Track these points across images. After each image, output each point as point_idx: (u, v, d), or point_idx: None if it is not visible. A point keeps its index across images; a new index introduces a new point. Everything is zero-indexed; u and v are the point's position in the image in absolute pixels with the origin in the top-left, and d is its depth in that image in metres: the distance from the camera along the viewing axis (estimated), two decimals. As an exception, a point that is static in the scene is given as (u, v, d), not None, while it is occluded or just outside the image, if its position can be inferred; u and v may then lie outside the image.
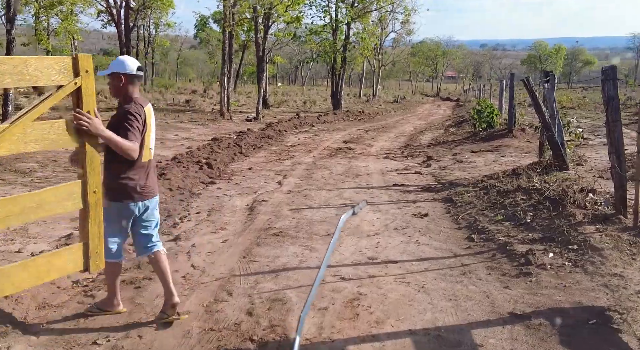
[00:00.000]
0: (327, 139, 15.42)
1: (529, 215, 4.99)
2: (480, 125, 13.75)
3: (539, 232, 4.62)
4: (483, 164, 9.26)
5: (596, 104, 32.13)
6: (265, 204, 6.83)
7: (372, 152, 12.62)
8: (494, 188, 6.40)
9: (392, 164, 10.40)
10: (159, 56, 55.97)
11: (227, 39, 17.52)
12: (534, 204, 5.23)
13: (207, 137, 13.80)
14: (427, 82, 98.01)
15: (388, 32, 42.33)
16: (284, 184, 8.28)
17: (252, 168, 9.92)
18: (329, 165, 10.20)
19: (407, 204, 6.59)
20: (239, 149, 12.11)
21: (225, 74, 17.68)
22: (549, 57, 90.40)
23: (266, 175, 9.07)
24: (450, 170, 8.93)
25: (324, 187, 7.93)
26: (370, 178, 8.73)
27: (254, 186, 8.07)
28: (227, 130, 15.88)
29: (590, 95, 42.91)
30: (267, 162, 10.78)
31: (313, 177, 8.84)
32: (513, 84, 12.13)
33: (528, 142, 11.75)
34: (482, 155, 10.47)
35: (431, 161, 10.28)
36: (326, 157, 11.61)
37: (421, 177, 8.61)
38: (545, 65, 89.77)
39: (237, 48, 39.96)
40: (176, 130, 15.01)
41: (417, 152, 12.19)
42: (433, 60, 78.14)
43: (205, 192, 7.60)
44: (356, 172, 9.38)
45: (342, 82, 26.38)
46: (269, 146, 13.42)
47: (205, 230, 5.53)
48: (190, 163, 9.39)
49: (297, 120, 19.50)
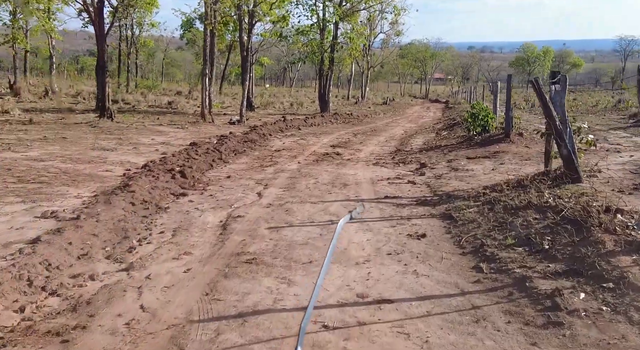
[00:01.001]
0: (313, 143, 14.64)
1: (547, 239, 4.24)
2: (475, 129, 13.05)
3: (561, 262, 3.86)
4: (481, 173, 8.52)
5: (588, 106, 31.68)
6: (240, 220, 6.02)
7: (361, 157, 11.85)
8: (499, 203, 5.64)
9: (383, 171, 9.64)
10: (143, 57, 54.77)
11: (208, 37, 16.66)
12: (550, 226, 4.47)
13: (185, 142, 12.94)
14: (416, 83, 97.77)
15: (377, 33, 41.71)
16: (264, 196, 7.47)
17: (231, 176, 9.10)
18: (315, 173, 9.41)
19: (401, 221, 5.82)
20: (219, 155, 11.27)
21: (206, 74, 16.81)
22: (537, 59, 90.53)
23: (245, 185, 8.25)
24: (447, 180, 8.18)
25: (308, 200, 7.14)
26: (359, 188, 7.95)
27: (230, 198, 7.25)
28: (208, 133, 15.03)
29: (580, 98, 42.56)
30: (248, 170, 9.97)
31: (296, 188, 8.04)
32: (510, 86, 11.44)
33: (527, 148, 11.05)
34: (480, 162, 9.74)
35: (425, 169, 9.53)
36: (312, 163, 10.83)
37: (415, 188, 7.85)
38: (533, 67, 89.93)
39: (224, 49, 39.13)
40: (153, 133, 14.13)
41: (409, 158, 11.45)
42: (422, 62, 77.86)
43: (174, 206, 6.76)
44: (344, 181, 8.60)
45: (330, 83, 25.61)
46: (251, 151, 12.60)
47: (167, 256, 4.71)
48: (162, 171, 8.55)
49: (283, 123, 18.69)
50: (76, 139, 12.15)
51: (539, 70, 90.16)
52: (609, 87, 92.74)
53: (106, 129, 14.38)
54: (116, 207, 5.92)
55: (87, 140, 12.03)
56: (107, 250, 4.76)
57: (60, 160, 9.26)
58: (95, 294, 3.80)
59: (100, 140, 12.25)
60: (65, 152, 10.24)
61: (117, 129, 14.50)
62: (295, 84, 79.28)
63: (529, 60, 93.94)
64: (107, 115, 15.83)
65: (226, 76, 39.27)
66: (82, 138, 12.33)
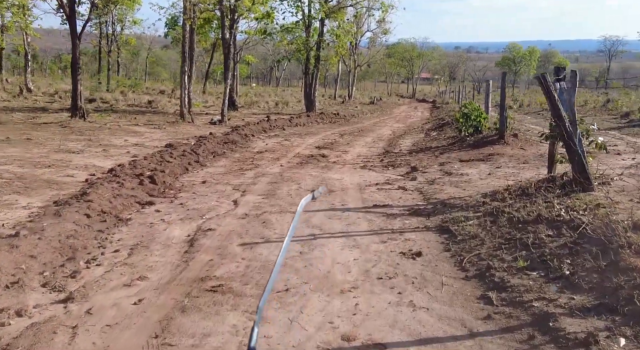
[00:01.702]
0: (298, 144, 13.93)
1: (566, 263, 3.58)
2: (467, 130, 12.44)
3: (588, 294, 3.21)
4: (477, 177, 7.88)
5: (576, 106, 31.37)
6: (211, 234, 5.29)
7: (348, 160, 11.17)
8: (503, 215, 4.99)
9: (372, 175, 8.96)
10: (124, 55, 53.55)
11: (187, 33, 15.85)
12: (568, 246, 3.82)
13: (161, 143, 12.16)
14: (403, 83, 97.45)
15: (364, 31, 41.07)
16: (240, 204, 6.75)
17: (206, 181, 8.36)
18: (298, 178, 8.71)
19: (393, 235, 5.13)
20: (196, 158, 10.52)
21: (186, 72, 16.00)
22: (523, 59, 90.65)
23: (221, 192, 7.52)
24: (440, 186, 7.52)
25: (289, 209, 6.43)
26: (345, 195, 7.26)
27: (202, 207, 6.52)
28: (186, 134, 14.25)
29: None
30: (227, 173, 9.23)
31: (277, 194, 7.33)
32: (505, 85, 10.82)
33: (522, 150, 10.45)
34: (474, 165, 9.11)
35: (416, 173, 8.87)
36: (296, 166, 10.12)
37: (406, 195, 7.17)
38: (519, 67, 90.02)
39: (209, 47, 38.19)
40: (127, 134, 13.30)
41: (399, 160, 10.79)
42: (409, 62, 77.49)
43: (138, 217, 6.01)
44: (329, 186, 7.90)
45: (316, 82, 24.89)
46: (231, 153, 11.86)
47: (117, 282, 3.97)
48: (129, 177, 7.78)
49: (267, 123, 17.94)
50: (42, 140, 11.30)
51: (524, 70, 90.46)
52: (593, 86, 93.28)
53: (77, 129, 13.52)
54: (67, 220, 5.15)
55: (54, 141, 11.19)
56: (45, 275, 4.00)
57: (18, 164, 8.43)
58: (17, 338, 3.06)
59: (68, 141, 11.42)
60: (26, 154, 9.41)
61: (89, 129, 13.65)
62: (281, 83, 78.46)
63: (515, 60, 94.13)
64: (80, 115, 14.97)
65: (210, 75, 38.37)
66: (48, 139, 11.48)
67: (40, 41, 65.02)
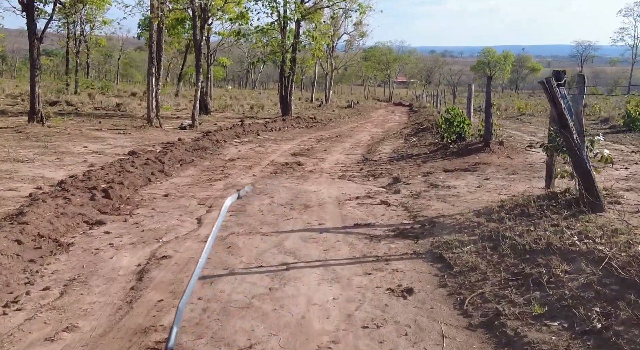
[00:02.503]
0: (272, 150, 13.17)
1: (595, 312, 2.91)
2: (450, 136, 11.85)
3: (632, 358, 2.55)
4: (466, 191, 7.24)
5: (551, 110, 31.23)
6: (165, 264, 4.51)
7: (326, 168, 10.46)
8: (503, 240, 4.33)
9: (351, 187, 8.26)
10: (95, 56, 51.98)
11: (155, 32, 14.95)
12: (593, 287, 3.16)
13: (124, 150, 11.26)
14: (379, 87, 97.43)
15: (340, 34, 40.49)
16: (204, 223, 5.97)
17: (169, 194, 7.54)
18: (271, 190, 7.95)
19: (378, 265, 4.42)
20: (160, 166, 9.68)
21: (153, 74, 15.08)
22: (498, 63, 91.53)
23: (184, 207, 6.72)
24: (427, 200, 6.85)
25: (259, 229, 5.67)
26: (323, 212, 6.54)
27: (160, 228, 5.72)
28: (153, 140, 13.35)
29: (544, 102, 42.38)
30: (194, 185, 8.43)
31: (247, 211, 6.57)
32: (490, 89, 10.25)
33: (509, 159, 9.89)
34: (461, 176, 8.48)
35: (399, 184, 8.20)
36: (269, 176, 9.38)
37: (390, 211, 6.48)
38: (494, 71, 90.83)
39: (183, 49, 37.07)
40: (88, 140, 12.35)
41: (379, 169, 10.12)
42: (385, 65, 77.39)
43: (82, 240, 5.18)
44: (305, 200, 7.17)
45: (292, 85, 24.14)
46: (201, 161, 11.03)
47: (37, 335, 3.17)
48: (80, 190, 6.92)
49: (240, 127, 17.12)
50: (-10, 147, 10.32)
51: (499, 75, 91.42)
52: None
53: (33, 135, 12.50)
54: (-10, 249, 4.31)
55: (3, 148, 10.21)
56: (-56, 329, 3.18)
57: (-46, 176, 7.50)
58: None
59: (20, 148, 10.45)
60: (-33, 164, 8.46)
61: (46, 134, 12.64)
62: (258, 86, 77.55)
63: (490, 64, 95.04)
64: (38, 119, 13.93)
65: (183, 77, 37.28)
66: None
67: (11, 42, 62.68)
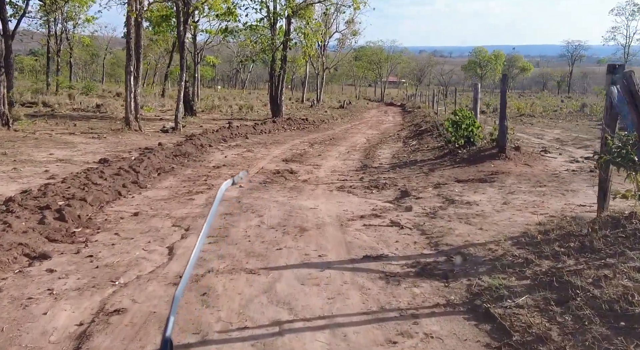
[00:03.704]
0: (262, 156, 12.02)
1: None
2: (457, 141, 10.77)
3: None
4: (491, 208, 6.14)
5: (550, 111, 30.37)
6: (116, 323, 3.35)
7: (322, 177, 9.34)
8: (573, 290, 3.22)
9: (353, 202, 7.13)
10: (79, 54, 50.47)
11: (133, 27, 13.72)
12: None
13: (95, 157, 10.07)
14: (370, 86, 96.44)
15: (332, 32, 39.37)
16: (177, 254, 4.81)
17: (140, 213, 6.38)
18: (260, 206, 6.81)
19: (403, 326, 3.29)
20: (134, 177, 8.50)
21: (131, 72, 13.84)
22: (489, 62, 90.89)
23: (155, 231, 5.56)
24: (446, 221, 5.74)
25: (245, 264, 4.53)
26: (323, 237, 5.40)
27: (119, 262, 4.55)
28: (130, 145, 12.14)
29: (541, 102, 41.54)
30: (170, 199, 7.27)
31: (231, 235, 5.42)
32: (505, 88, 9.14)
33: (528, 167, 8.82)
34: (479, 189, 7.39)
35: (409, 199, 7.08)
36: (258, 187, 8.23)
37: (404, 236, 5.36)
38: (485, 70, 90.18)
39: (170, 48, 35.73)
40: (56, 146, 11.11)
41: (382, 179, 9.01)
42: (377, 65, 76.47)
43: (13, 284, 4.00)
44: (300, 221, 6.03)
45: (283, 85, 22.95)
46: (182, 169, 9.86)
47: None
48: (28, 211, 5.73)
49: (227, 130, 15.95)
50: (-60, 155, 9.07)
51: (490, 74, 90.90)
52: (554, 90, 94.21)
53: (-5, 140, 11.27)
54: None
55: (-46, 157, 8.98)
56: None
57: None
58: None
59: (-25, 156, 9.22)
60: None
61: (10, 139, 11.39)
62: (247, 86, 76.21)
63: (481, 63, 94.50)
64: (3, 122, 12.66)
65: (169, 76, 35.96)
66: (-51, 154, 9.26)
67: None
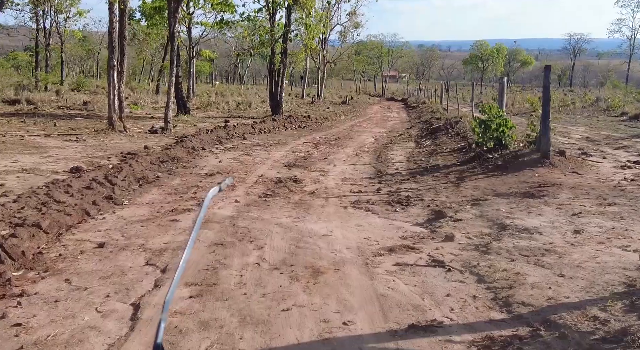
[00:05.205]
0: (262, 160, 10.61)
1: None
2: (486, 143, 9.36)
3: None
4: (561, 239, 4.74)
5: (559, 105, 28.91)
6: None
7: (331, 187, 7.94)
8: None
9: (375, 226, 5.72)
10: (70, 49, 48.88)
11: (116, 16, 12.27)
12: None
13: (67, 165, 8.66)
14: (369, 81, 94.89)
15: (333, 25, 37.83)
16: (141, 319, 3.42)
17: (107, 243, 4.99)
18: (260, 232, 5.41)
19: None
20: (109, 190, 7.10)
21: (114, 67, 12.37)
22: (491, 56, 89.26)
23: (120, 274, 4.17)
24: (507, 260, 4.34)
25: (237, 345, 3.12)
26: (345, 287, 3.99)
27: (55, 340, 3.15)
28: (112, 149, 10.72)
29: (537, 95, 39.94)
30: (149, 220, 5.89)
31: (220, 284, 4.01)
32: (549, 82, 7.69)
33: (577, 175, 7.42)
34: (530, 206, 5.98)
35: (444, 221, 5.66)
36: (258, 202, 6.84)
37: (457, 286, 3.95)
38: (487, 65, 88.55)
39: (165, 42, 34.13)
40: (24, 151, 9.69)
41: (403, 190, 7.60)
42: (377, 59, 75.01)
43: None
44: (312, 257, 4.63)
45: (283, 80, 21.49)
46: (169, 178, 8.46)
47: None
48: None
49: (223, 130, 14.51)
50: None
51: (492, 68, 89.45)
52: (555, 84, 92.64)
53: (-45, 144, 9.85)
54: None
55: None
56: None
57: None
58: None
59: None
60: None
61: (-27, 144, 9.99)
62: (246, 82, 74.65)
63: (483, 57, 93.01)
64: (-31, 124, 11.24)
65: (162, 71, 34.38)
66: None
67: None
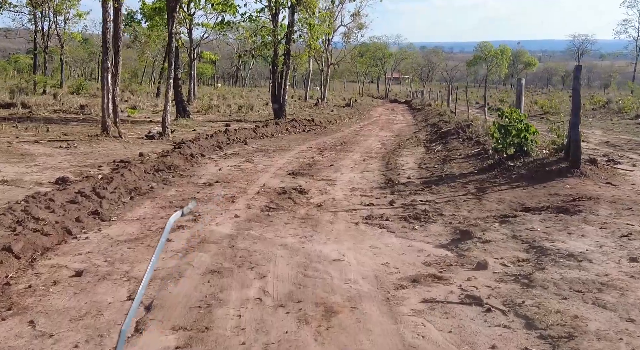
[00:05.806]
0: (264, 168, 9.93)
1: None
2: (507, 149, 8.67)
3: None
4: (616, 269, 4.04)
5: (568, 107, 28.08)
6: None
7: (340, 199, 7.26)
8: None
9: (392, 248, 5.03)
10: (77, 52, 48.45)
11: (110, 16, 11.63)
12: None
13: (53, 175, 8.00)
14: (372, 83, 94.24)
15: (336, 26, 37.15)
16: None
17: (86, 270, 4.34)
18: (262, 256, 4.73)
19: None
20: (96, 205, 6.45)
21: (108, 68, 11.71)
22: (494, 58, 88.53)
23: (96, 313, 3.50)
24: (558, 297, 3.64)
25: None
26: (365, 334, 3.29)
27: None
28: (104, 157, 10.06)
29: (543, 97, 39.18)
30: (139, 240, 5.23)
31: (214, 328, 3.33)
32: (579, 84, 6.99)
33: (612, 187, 6.70)
34: (569, 225, 5.27)
35: (471, 242, 4.97)
36: (260, 217, 6.16)
37: (502, 332, 3.25)
38: (491, 66, 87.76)
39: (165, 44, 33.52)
40: (9, 159, 9.02)
41: (418, 202, 6.91)
42: (381, 61, 74.37)
43: None
44: (323, 291, 3.94)
45: (286, 82, 20.83)
46: (164, 189, 7.79)
47: None
48: None
49: (224, 135, 13.83)
50: None
51: (495, 70, 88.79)
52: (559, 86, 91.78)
53: (-64, 152, 9.19)
54: None
55: None
56: None
57: None
58: None
59: None
60: None
61: (-45, 152, 9.33)
62: (248, 84, 74.09)
63: (487, 58, 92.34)
64: (-46, 129, 10.60)
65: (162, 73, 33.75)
66: None
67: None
